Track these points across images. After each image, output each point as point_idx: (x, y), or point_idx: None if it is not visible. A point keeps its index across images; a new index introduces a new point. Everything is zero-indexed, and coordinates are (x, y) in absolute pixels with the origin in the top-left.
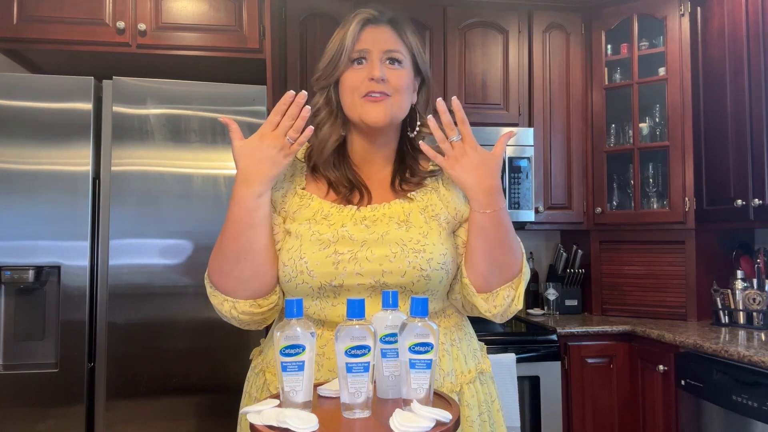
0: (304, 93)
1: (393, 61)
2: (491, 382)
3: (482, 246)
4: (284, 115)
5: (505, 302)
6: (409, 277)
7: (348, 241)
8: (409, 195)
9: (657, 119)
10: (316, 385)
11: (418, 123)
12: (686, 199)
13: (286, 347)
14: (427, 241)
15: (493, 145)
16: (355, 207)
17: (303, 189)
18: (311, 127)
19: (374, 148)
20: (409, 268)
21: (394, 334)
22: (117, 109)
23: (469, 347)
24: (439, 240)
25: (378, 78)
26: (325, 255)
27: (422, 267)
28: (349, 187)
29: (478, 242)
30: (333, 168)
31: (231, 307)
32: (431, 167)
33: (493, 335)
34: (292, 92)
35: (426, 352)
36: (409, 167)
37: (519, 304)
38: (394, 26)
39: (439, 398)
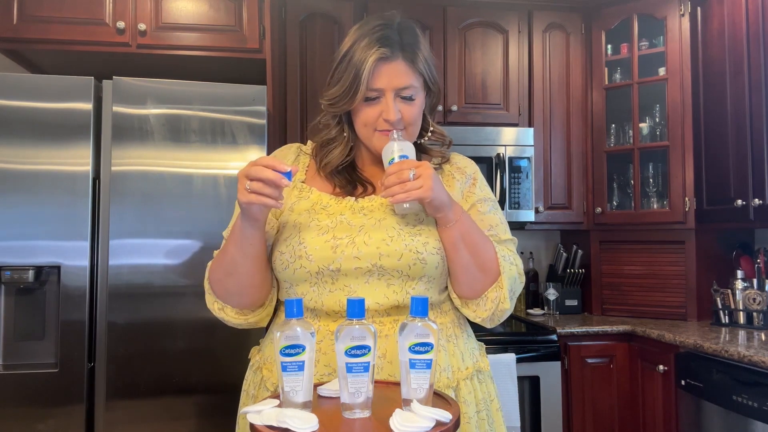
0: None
1: (406, 95)
2: (490, 381)
3: (461, 257)
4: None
5: (493, 305)
6: (405, 260)
7: (346, 227)
8: None
9: (657, 119)
10: (316, 385)
11: (430, 130)
12: (686, 199)
13: (286, 347)
14: (423, 226)
15: (492, 146)
16: (353, 198)
17: (303, 182)
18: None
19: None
20: (406, 250)
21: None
22: (117, 109)
23: (467, 345)
24: (435, 227)
25: (393, 121)
26: (323, 240)
27: (418, 250)
28: (353, 185)
29: (456, 256)
30: (338, 174)
31: (219, 309)
32: (433, 165)
33: (493, 335)
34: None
35: (426, 352)
36: None
37: (507, 304)
38: (407, 57)
39: (439, 398)
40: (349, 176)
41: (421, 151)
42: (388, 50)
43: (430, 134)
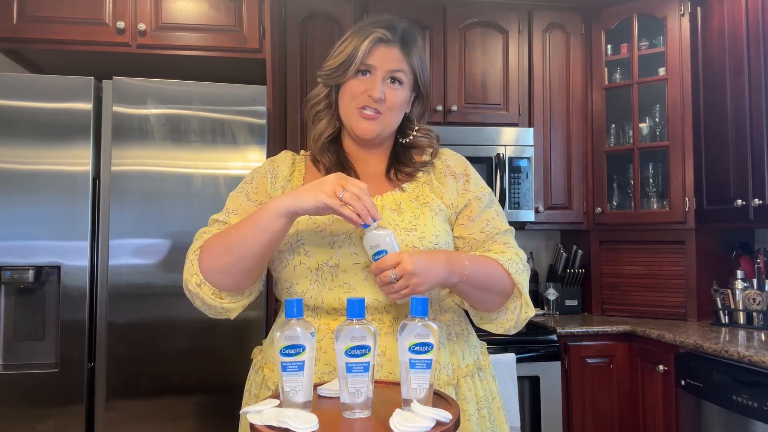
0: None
1: (394, 80)
2: (492, 379)
3: (475, 298)
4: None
5: (514, 314)
6: None
7: (343, 224)
8: (401, 186)
9: (657, 119)
10: (316, 385)
11: (415, 129)
12: (686, 199)
13: (286, 347)
14: (419, 222)
15: (492, 146)
16: None
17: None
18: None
19: (365, 149)
20: (402, 245)
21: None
22: (117, 109)
23: (467, 343)
24: (431, 222)
25: (376, 98)
26: (321, 236)
27: (414, 245)
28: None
29: (471, 299)
30: (327, 152)
31: (196, 284)
32: (424, 159)
33: (493, 335)
34: (374, 217)
35: (426, 352)
36: (401, 162)
37: (529, 311)
38: (403, 47)
39: (439, 398)
40: (338, 157)
41: (410, 146)
42: (388, 33)
43: (416, 132)
